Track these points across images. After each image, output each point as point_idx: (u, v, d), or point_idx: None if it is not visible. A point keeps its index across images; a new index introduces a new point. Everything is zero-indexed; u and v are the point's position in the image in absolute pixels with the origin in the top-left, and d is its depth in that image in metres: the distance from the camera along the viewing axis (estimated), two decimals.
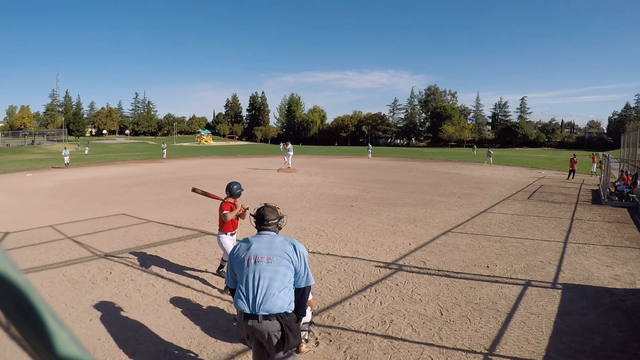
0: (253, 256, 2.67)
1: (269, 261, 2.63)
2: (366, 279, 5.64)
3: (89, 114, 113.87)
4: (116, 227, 8.68)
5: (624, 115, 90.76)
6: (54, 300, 4.83)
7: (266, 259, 2.64)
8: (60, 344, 0.35)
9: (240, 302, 2.61)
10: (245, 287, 2.62)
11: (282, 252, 2.67)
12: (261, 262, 2.63)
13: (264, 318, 2.52)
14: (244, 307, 2.58)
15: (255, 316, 2.53)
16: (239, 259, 2.73)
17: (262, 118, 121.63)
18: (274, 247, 2.70)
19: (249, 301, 2.58)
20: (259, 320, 2.52)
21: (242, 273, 2.67)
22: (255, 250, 2.70)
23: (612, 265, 6.26)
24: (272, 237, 2.79)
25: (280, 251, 2.68)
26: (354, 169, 25.52)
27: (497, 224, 9.24)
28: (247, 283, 2.62)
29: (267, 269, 2.62)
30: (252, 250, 2.70)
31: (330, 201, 12.29)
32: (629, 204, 12.11)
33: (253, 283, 2.60)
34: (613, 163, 21.74)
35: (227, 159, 37.41)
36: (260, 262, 2.64)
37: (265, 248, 2.70)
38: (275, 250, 2.68)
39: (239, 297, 2.64)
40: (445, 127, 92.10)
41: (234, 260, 2.78)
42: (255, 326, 2.53)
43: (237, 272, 2.73)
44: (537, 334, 4.04)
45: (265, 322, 2.52)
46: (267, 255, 2.66)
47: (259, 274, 2.61)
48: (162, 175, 20.37)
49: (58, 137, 71.12)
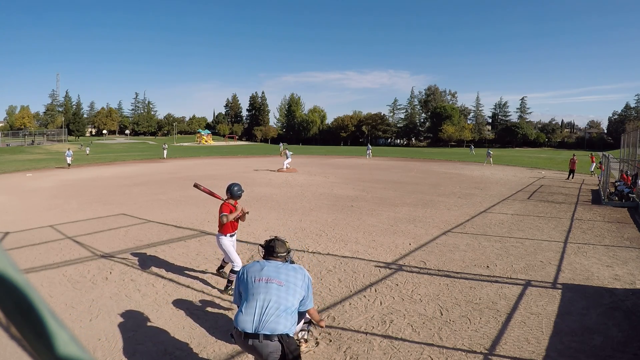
0: (265, 277, 2.78)
1: (280, 285, 2.75)
2: (366, 279, 5.64)
3: (89, 114, 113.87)
4: (116, 227, 8.68)
5: (624, 115, 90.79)
6: (54, 300, 4.83)
7: (277, 282, 2.76)
8: (60, 344, 0.35)
9: (241, 320, 2.66)
10: (252, 305, 2.69)
11: (293, 279, 2.81)
12: (272, 284, 2.74)
13: (265, 338, 2.57)
14: (246, 326, 2.63)
15: (256, 335, 2.59)
16: (251, 277, 2.82)
17: (262, 118, 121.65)
18: (287, 274, 2.83)
19: (253, 319, 2.63)
20: (260, 340, 2.58)
21: (252, 292, 2.75)
22: (268, 272, 2.82)
23: (612, 265, 6.26)
24: (284, 264, 2.94)
25: (292, 278, 2.81)
26: (354, 169, 25.52)
27: (497, 224, 9.24)
28: (255, 302, 2.70)
29: (278, 291, 2.72)
30: (265, 272, 2.82)
31: (330, 201, 12.29)
32: (629, 204, 12.11)
33: (262, 303, 2.68)
34: (613, 163, 21.74)
35: (227, 159, 37.42)
36: (271, 284, 2.74)
37: (279, 273, 2.83)
38: (288, 277, 2.81)
39: (241, 315, 2.69)
40: (445, 127, 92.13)
41: (246, 277, 2.86)
42: (256, 345, 2.59)
43: (245, 291, 2.80)
44: (537, 334, 4.04)
45: (266, 342, 2.57)
46: (278, 279, 2.78)
47: (269, 295, 2.70)
48: (162, 175, 20.38)
49: (58, 137, 71.18)
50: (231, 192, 5.29)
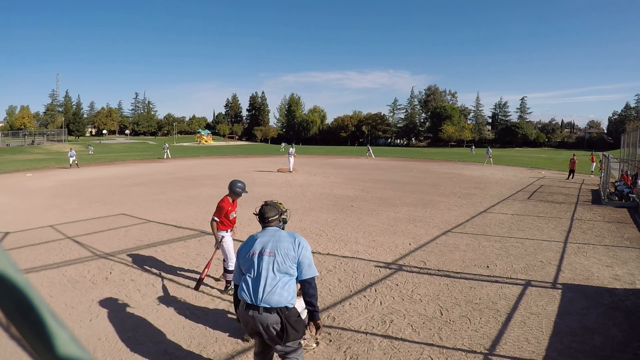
0: (258, 250, 2.78)
1: (271, 254, 2.73)
2: (366, 279, 5.64)
3: (89, 114, 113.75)
4: (116, 227, 8.68)
5: (624, 115, 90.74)
6: (54, 300, 4.83)
7: (268, 252, 2.74)
8: (60, 344, 0.35)
9: (243, 293, 2.70)
10: (249, 279, 2.71)
11: (284, 246, 2.76)
12: (264, 256, 2.73)
13: (265, 310, 2.59)
14: (246, 298, 2.66)
15: (256, 307, 2.61)
16: (245, 253, 2.84)
17: (262, 118, 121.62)
18: (277, 241, 2.79)
19: (250, 293, 2.66)
20: (260, 312, 2.60)
21: (247, 266, 2.77)
22: (259, 244, 2.81)
23: (612, 265, 6.26)
24: (275, 231, 2.91)
25: (282, 245, 2.77)
26: (354, 169, 25.52)
27: (497, 224, 9.24)
28: (250, 276, 2.72)
29: (269, 262, 2.71)
30: (257, 245, 2.81)
31: (330, 201, 12.29)
32: (629, 204, 12.11)
33: (256, 276, 2.69)
34: (613, 163, 21.74)
35: (227, 159, 37.41)
36: (263, 256, 2.74)
37: (269, 242, 2.80)
38: (278, 244, 2.77)
39: (242, 289, 2.72)
40: (445, 127, 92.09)
41: (240, 254, 2.89)
42: (256, 317, 2.61)
43: (243, 266, 2.83)
44: (537, 334, 4.04)
45: (265, 315, 2.59)
46: (269, 249, 2.75)
47: (262, 267, 2.70)
48: (162, 175, 20.37)
49: (58, 137, 71.16)
50: (232, 188, 5.12)
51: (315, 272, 2.82)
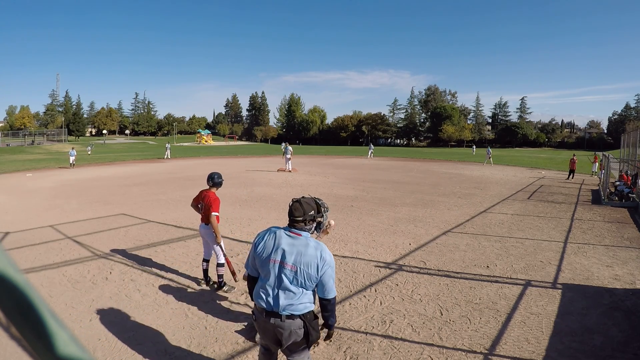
0: (279, 259, 2.52)
1: (293, 269, 2.50)
2: (366, 279, 5.64)
3: (89, 114, 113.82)
4: (116, 227, 8.68)
5: (624, 115, 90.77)
6: (54, 300, 4.83)
7: (290, 267, 2.50)
8: (60, 344, 0.35)
9: (261, 301, 2.56)
10: (269, 286, 2.55)
11: (308, 263, 2.50)
12: (285, 269, 2.51)
13: (288, 317, 2.50)
14: (266, 306, 2.53)
15: (278, 315, 2.49)
16: (264, 255, 2.59)
17: (262, 118, 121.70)
18: (300, 254, 2.51)
19: (271, 302, 2.52)
20: (282, 320, 2.49)
21: (266, 271, 2.58)
22: (281, 253, 2.53)
23: (612, 265, 6.26)
24: (303, 242, 2.56)
25: (307, 261, 2.50)
26: (354, 169, 25.52)
27: (497, 224, 9.24)
28: (270, 283, 2.54)
29: (291, 276, 2.50)
30: (279, 253, 2.54)
31: (330, 201, 12.28)
32: (629, 204, 12.11)
33: (276, 286, 2.52)
34: (613, 163, 21.75)
35: (227, 159, 37.41)
36: (284, 269, 2.51)
37: (292, 253, 2.52)
38: (302, 258, 2.50)
39: (261, 295, 2.57)
40: (445, 127, 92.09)
41: (258, 254, 2.62)
42: (278, 324, 2.50)
43: (261, 269, 2.62)
44: (537, 334, 4.04)
45: (289, 322, 2.49)
46: (292, 262, 2.50)
47: (283, 279, 2.50)
48: (162, 175, 20.37)
49: (58, 137, 71.14)
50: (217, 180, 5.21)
51: (331, 294, 2.58)
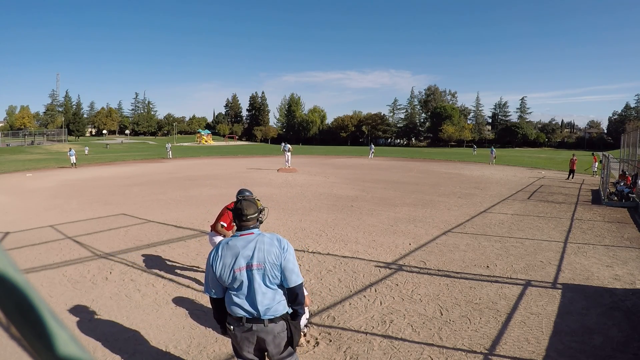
0: (244, 265, 2.41)
1: (260, 267, 2.40)
2: (366, 279, 5.64)
3: (89, 114, 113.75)
4: (116, 227, 8.68)
5: (624, 115, 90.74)
6: (54, 300, 4.83)
7: (257, 265, 2.40)
8: (60, 344, 0.35)
9: (238, 309, 2.44)
10: (242, 294, 2.44)
11: (270, 255, 2.43)
12: (253, 270, 2.40)
13: (270, 321, 2.43)
14: (244, 314, 2.42)
15: (261, 320, 2.41)
16: (226, 271, 2.43)
17: (262, 118, 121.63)
18: (261, 250, 2.43)
19: (248, 308, 2.43)
20: (265, 324, 2.41)
21: (236, 283, 2.42)
22: (242, 258, 2.42)
23: (612, 265, 6.26)
24: (258, 238, 2.48)
25: (269, 254, 2.43)
26: (354, 169, 25.52)
27: (497, 224, 9.24)
28: (244, 291, 2.43)
29: (261, 275, 2.42)
30: (241, 260, 2.42)
31: (330, 201, 12.29)
32: (629, 204, 12.10)
33: (250, 292, 2.42)
34: (613, 163, 21.74)
35: (227, 159, 37.41)
36: (253, 271, 2.40)
37: (253, 253, 2.42)
38: (264, 254, 2.42)
39: (235, 305, 2.45)
40: (445, 127, 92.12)
41: (220, 274, 2.44)
42: (261, 330, 2.42)
43: (229, 284, 2.47)
44: (537, 334, 4.04)
45: (271, 325, 2.43)
46: (256, 261, 2.41)
47: (254, 282, 2.41)
48: (162, 175, 20.37)
49: (58, 137, 71.17)
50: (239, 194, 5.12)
51: (300, 279, 2.48)
